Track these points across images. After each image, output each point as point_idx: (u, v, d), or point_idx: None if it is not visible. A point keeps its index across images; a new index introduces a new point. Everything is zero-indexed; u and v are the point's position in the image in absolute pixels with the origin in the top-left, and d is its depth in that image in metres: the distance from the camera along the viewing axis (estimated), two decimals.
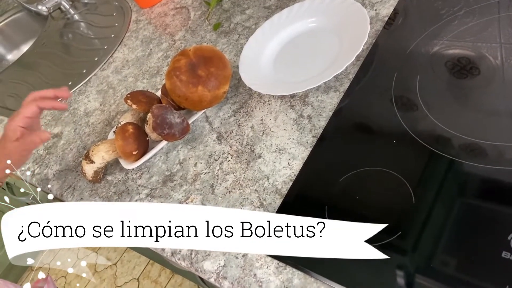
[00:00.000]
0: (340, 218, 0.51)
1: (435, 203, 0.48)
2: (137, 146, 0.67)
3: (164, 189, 0.67)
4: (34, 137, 0.63)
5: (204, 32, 0.90)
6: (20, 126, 0.62)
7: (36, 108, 0.63)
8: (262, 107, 0.69)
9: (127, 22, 1.06)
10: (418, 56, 0.63)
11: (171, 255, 0.59)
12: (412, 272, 0.45)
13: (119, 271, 1.80)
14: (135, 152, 0.67)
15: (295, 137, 0.62)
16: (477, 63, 0.59)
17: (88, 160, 0.69)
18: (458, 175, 0.49)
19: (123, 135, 0.67)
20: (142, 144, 0.68)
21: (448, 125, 0.54)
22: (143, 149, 0.69)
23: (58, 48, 1.16)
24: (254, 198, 0.59)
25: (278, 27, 0.76)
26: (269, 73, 0.72)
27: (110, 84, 0.93)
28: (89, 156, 0.69)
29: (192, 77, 0.67)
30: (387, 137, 0.57)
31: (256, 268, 0.52)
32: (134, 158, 0.68)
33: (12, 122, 0.62)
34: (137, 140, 0.67)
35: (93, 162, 0.69)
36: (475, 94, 0.56)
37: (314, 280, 0.48)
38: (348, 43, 0.67)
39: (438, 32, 0.65)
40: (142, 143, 0.68)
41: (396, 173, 0.52)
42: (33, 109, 0.63)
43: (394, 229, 0.48)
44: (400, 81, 0.61)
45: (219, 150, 0.67)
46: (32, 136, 0.63)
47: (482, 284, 0.41)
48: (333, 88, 0.65)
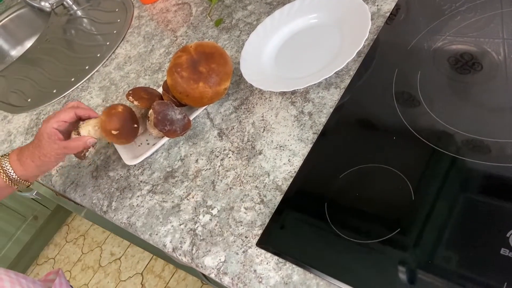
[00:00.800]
0: (339, 214, 0.52)
1: (435, 200, 0.48)
2: (118, 126, 0.65)
3: (165, 185, 0.67)
4: (78, 142, 0.65)
5: (206, 28, 0.90)
6: (54, 127, 0.64)
7: (73, 114, 0.66)
8: (263, 104, 0.69)
9: (129, 18, 1.07)
10: (419, 51, 0.63)
11: (172, 251, 0.60)
12: (410, 267, 0.45)
13: (123, 265, 1.82)
14: (115, 132, 0.65)
15: (296, 134, 0.62)
16: (479, 58, 0.59)
17: (76, 131, 0.67)
18: (458, 172, 0.49)
19: (109, 112, 0.66)
20: (126, 127, 0.66)
21: (448, 122, 0.54)
22: (126, 134, 0.67)
23: (61, 44, 1.17)
24: (255, 194, 0.59)
25: (280, 23, 0.76)
26: (270, 69, 0.72)
27: (112, 81, 0.93)
28: (77, 128, 0.68)
29: (193, 74, 0.67)
30: (387, 134, 0.57)
31: (256, 264, 0.52)
32: (115, 139, 0.67)
33: (47, 123, 0.64)
34: (121, 121, 0.66)
35: (79, 134, 0.67)
36: (477, 90, 0.56)
37: (314, 276, 0.48)
38: (349, 39, 0.67)
39: (440, 27, 0.64)
40: (127, 126, 0.67)
41: (396, 170, 0.52)
42: (70, 114, 0.65)
43: (394, 226, 0.48)
44: (401, 77, 0.61)
45: (220, 146, 0.67)
46: (76, 141, 0.65)
47: (481, 281, 0.41)
48: (334, 85, 0.65)
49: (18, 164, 0.65)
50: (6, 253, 1.86)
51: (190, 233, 0.60)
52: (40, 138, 0.64)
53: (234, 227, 0.57)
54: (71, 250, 1.99)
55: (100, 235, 1.97)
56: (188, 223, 0.61)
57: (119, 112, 0.66)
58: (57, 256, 2.01)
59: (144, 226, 0.64)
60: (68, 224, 2.11)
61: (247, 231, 0.56)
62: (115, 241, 1.91)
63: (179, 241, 0.60)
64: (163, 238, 0.61)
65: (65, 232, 2.08)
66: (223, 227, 0.58)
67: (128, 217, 0.66)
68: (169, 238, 0.61)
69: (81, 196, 0.74)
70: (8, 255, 1.87)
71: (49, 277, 0.77)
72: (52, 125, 0.64)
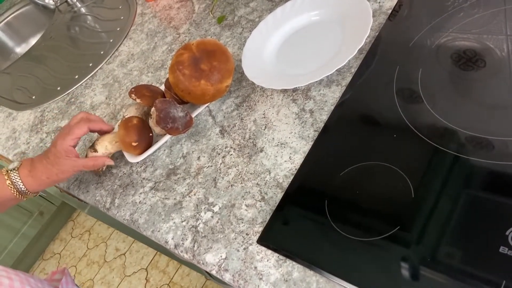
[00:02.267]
0: (340, 212, 0.52)
1: (435, 198, 0.48)
2: (137, 138, 0.68)
3: (167, 182, 0.68)
4: (98, 161, 0.67)
5: (208, 25, 0.90)
6: (70, 145, 0.65)
7: (86, 129, 0.67)
8: (265, 101, 0.69)
9: (132, 15, 1.07)
10: (421, 48, 0.63)
11: (174, 247, 0.60)
12: (409, 264, 0.45)
13: (128, 261, 1.83)
14: (135, 144, 0.68)
15: (297, 131, 0.63)
16: (482, 55, 0.58)
17: (93, 148, 0.70)
18: (459, 170, 0.49)
19: (125, 125, 0.68)
20: (143, 137, 0.69)
21: (450, 119, 0.53)
22: (144, 143, 0.69)
23: (65, 41, 1.17)
24: (256, 191, 0.59)
25: (281, 21, 0.76)
26: (271, 67, 0.72)
27: (115, 78, 0.93)
28: (94, 145, 0.70)
29: (195, 71, 0.68)
30: (388, 132, 0.57)
31: (257, 261, 0.53)
32: (134, 150, 0.69)
33: (63, 140, 0.64)
34: (138, 133, 0.68)
35: (96, 151, 0.69)
36: (479, 87, 0.56)
37: (314, 274, 0.49)
38: (350, 36, 0.67)
39: (443, 24, 0.64)
40: (144, 136, 0.69)
41: (396, 168, 0.52)
42: (84, 129, 0.66)
43: (394, 223, 0.48)
44: (402, 74, 0.61)
45: (222, 144, 0.68)
46: (94, 160, 0.67)
47: (480, 279, 0.41)
48: (335, 82, 0.65)
49: (31, 180, 0.65)
50: (13, 248, 1.88)
51: (191, 230, 0.60)
52: (58, 156, 0.64)
53: (235, 224, 0.58)
54: (76, 246, 2.01)
55: (105, 230, 1.99)
56: (190, 220, 0.61)
57: (135, 124, 0.68)
58: (62, 251, 2.03)
59: (147, 223, 0.64)
60: (73, 219, 2.13)
61: (248, 228, 0.56)
62: (120, 237, 1.93)
63: (181, 238, 0.60)
64: (165, 235, 0.62)
65: (71, 227, 2.10)
66: (224, 224, 0.58)
67: (130, 214, 0.67)
68: (171, 235, 0.61)
69: (84, 193, 0.75)
70: (15, 250, 1.89)
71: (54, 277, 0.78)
72: (68, 142, 0.64)
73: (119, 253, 1.88)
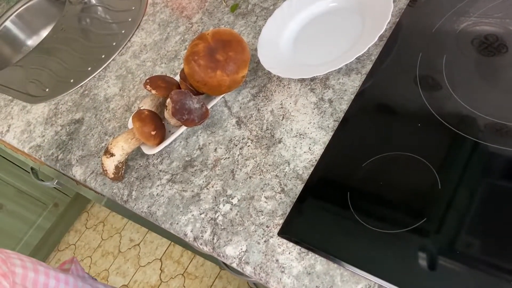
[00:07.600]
0: (363, 204, 0.51)
1: (461, 187, 0.47)
2: (154, 126, 0.67)
3: (185, 174, 0.67)
4: None
5: (222, 14, 0.88)
6: None
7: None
8: (282, 91, 0.68)
9: (144, 5, 1.05)
10: (444, 34, 0.61)
11: (193, 240, 0.60)
12: (437, 255, 0.44)
13: (142, 251, 1.85)
14: (154, 133, 0.67)
15: (316, 121, 0.61)
16: (505, 40, 0.56)
17: (108, 154, 0.68)
18: (485, 158, 0.48)
19: (139, 117, 0.67)
20: (159, 125, 0.68)
21: (474, 106, 0.52)
22: (161, 132, 0.68)
23: (76, 33, 1.17)
24: (275, 183, 0.59)
25: (297, 8, 0.74)
26: (288, 55, 0.71)
27: (128, 69, 0.93)
28: (108, 149, 0.68)
29: (211, 62, 0.66)
30: (411, 120, 0.55)
31: (278, 254, 0.52)
32: (154, 140, 0.68)
33: None
34: (153, 121, 0.67)
35: (113, 155, 0.68)
36: (503, 73, 0.54)
37: (337, 267, 0.48)
38: (370, 23, 0.65)
39: (466, 9, 0.62)
40: (159, 125, 0.68)
41: (421, 158, 0.50)
42: None
43: (420, 215, 0.47)
44: (425, 62, 0.59)
45: (239, 135, 0.67)
46: None
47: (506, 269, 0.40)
48: (355, 70, 0.63)
49: None
50: (28, 239, 1.91)
51: (210, 223, 0.60)
52: None
53: (255, 217, 0.57)
54: (91, 237, 2.03)
55: (119, 221, 2.00)
56: (209, 213, 0.61)
57: (148, 114, 0.68)
58: (77, 242, 2.05)
59: (165, 215, 0.64)
60: (87, 211, 2.15)
61: (268, 220, 0.56)
62: (134, 228, 1.94)
63: (200, 231, 0.60)
64: (184, 227, 0.61)
65: (85, 218, 2.12)
66: (243, 216, 0.58)
67: (148, 207, 0.67)
68: (189, 227, 0.61)
69: (101, 186, 0.75)
70: (30, 242, 1.92)
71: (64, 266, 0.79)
72: None
73: (133, 243, 1.89)
